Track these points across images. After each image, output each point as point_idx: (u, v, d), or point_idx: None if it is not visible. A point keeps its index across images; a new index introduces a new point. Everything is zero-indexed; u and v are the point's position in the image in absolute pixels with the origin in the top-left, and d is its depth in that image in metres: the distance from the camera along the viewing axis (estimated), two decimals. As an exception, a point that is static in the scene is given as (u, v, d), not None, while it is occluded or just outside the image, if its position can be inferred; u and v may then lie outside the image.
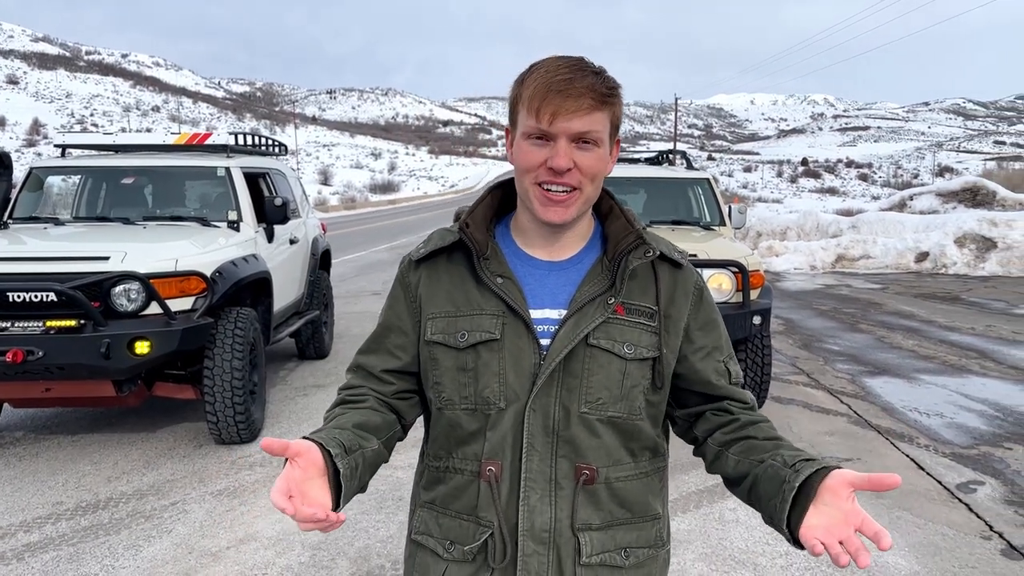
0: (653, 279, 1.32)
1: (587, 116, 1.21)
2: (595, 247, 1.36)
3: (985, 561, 3.60)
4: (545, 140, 1.23)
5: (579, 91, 1.19)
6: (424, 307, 1.34)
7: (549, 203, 1.25)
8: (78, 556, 3.66)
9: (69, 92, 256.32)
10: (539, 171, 1.24)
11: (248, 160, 6.52)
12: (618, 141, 1.32)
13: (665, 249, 1.34)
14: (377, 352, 1.39)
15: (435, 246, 1.35)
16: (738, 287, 5.34)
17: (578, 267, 1.33)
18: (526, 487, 1.26)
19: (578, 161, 1.23)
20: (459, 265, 1.34)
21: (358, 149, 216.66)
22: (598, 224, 1.39)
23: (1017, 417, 5.80)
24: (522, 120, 1.25)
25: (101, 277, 4.46)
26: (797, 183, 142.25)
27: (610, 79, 1.24)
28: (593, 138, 1.23)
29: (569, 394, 1.27)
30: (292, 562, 3.59)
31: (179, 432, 5.42)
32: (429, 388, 1.35)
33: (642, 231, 1.34)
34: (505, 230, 1.38)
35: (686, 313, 1.34)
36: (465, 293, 1.31)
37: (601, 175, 1.27)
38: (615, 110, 1.26)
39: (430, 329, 1.32)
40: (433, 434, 1.36)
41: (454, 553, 1.31)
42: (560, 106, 1.19)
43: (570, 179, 1.23)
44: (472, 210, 1.37)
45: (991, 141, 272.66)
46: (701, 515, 4.08)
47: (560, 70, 1.21)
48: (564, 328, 1.26)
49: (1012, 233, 15.03)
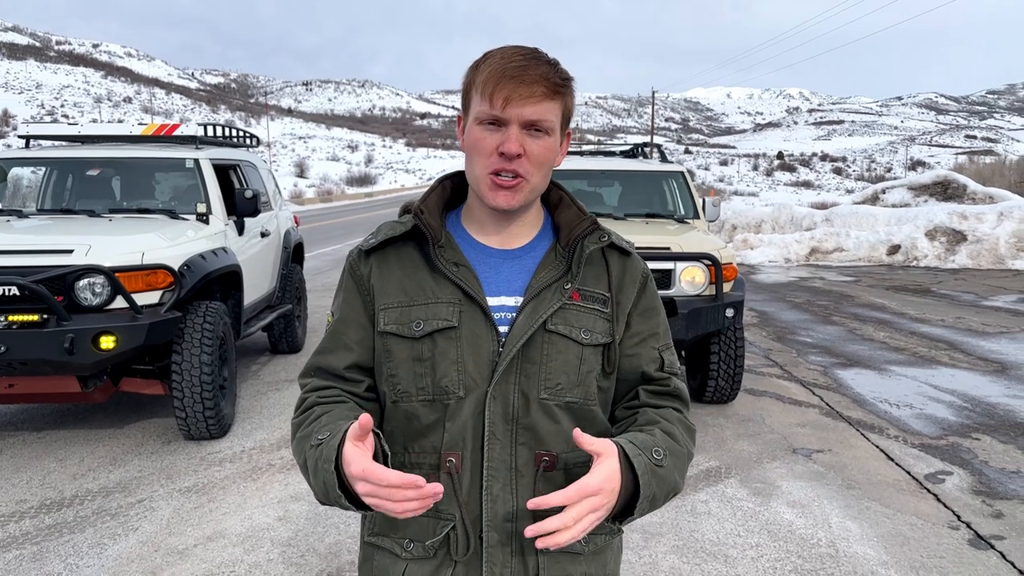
0: (605, 266, 1.34)
1: (540, 104, 1.21)
2: (547, 236, 1.37)
3: (952, 551, 3.64)
4: (497, 126, 1.22)
5: (533, 78, 1.20)
6: (377, 298, 1.32)
7: (498, 188, 1.24)
8: (41, 555, 3.59)
9: (39, 83, 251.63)
10: (491, 159, 1.23)
11: (218, 152, 6.42)
12: (569, 134, 1.32)
13: (615, 238, 1.36)
14: (336, 351, 1.34)
15: (386, 236, 1.33)
16: (711, 280, 5.34)
17: (532, 255, 1.33)
18: (488, 476, 1.25)
19: (528, 148, 1.22)
20: (411, 254, 1.32)
21: (335, 141, 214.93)
22: (548, 215, 1.39)
23: (985, 408, 5.88)
24: (475, 105, 1.24)
25: (64, 271, 4.37)
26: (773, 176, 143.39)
27: (563, 71, 1.25)
28: (545, 127, 1.23)
29: (528, 380, 1.26)
30: (261, 559, 3.55)
31: (148, 428, 5.34)
32: (383, 381, 1.32)
33: (595, 218, 1.36)
34: (457, 220, 1.38)
35: (632, 299, 1.35)
36: (418, 282, 1.29)
37: (549, 164, 1.27)
38: (567, 101, 1.26)
39: (383, 320, 1.29)
40: (387, 429, 1.32)
41: (413, 551, 1.28)
42: (513, 92, 1.19)
43: (519, 167, 1.23)
44: (425, 198, 1.36)
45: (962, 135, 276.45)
46: (673, 508, 4.09)
47: (515, 57, 1.21)
48: (523, 314, 1.26)
49: (981, 226, 15.24)
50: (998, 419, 5.61)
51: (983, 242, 15.00)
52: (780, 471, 4.63)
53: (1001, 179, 25.19)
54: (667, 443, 1.25)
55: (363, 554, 1.37)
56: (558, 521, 1.08)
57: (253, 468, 4.62)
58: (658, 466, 1.20)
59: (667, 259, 5.33)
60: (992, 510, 4.09)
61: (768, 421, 5.56)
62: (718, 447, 5.02)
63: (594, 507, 1.10)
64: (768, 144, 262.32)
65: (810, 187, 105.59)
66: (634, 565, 3.49)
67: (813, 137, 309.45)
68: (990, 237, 15.01)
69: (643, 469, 1.17)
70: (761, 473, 4.60)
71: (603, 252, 1.35)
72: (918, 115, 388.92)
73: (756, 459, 4.82)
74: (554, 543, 1.08)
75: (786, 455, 4.90)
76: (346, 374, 1.32)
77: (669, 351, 1.39)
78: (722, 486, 4.40)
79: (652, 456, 1.20)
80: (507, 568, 1.26)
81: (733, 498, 4.23)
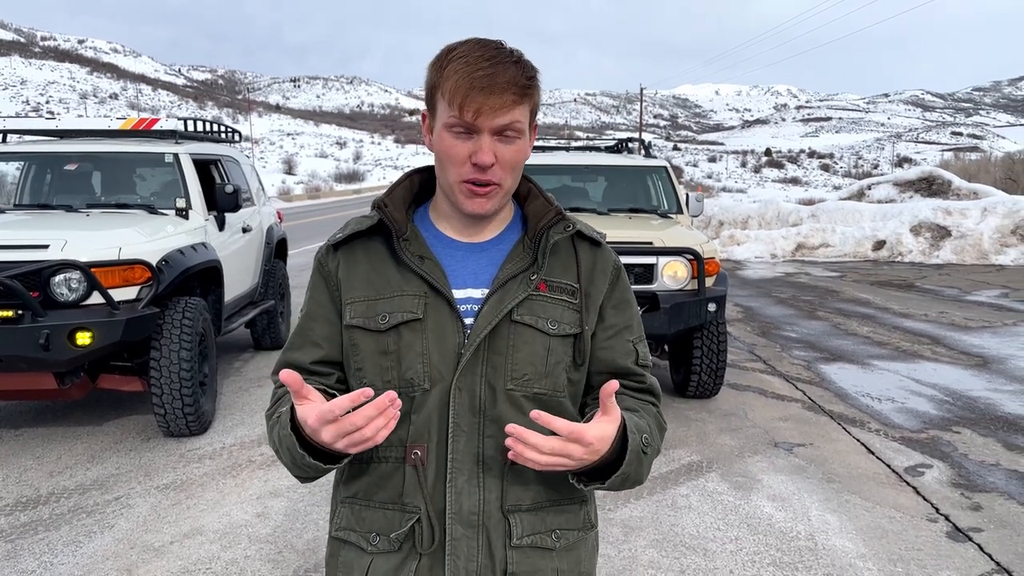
0: (574, 257, 1.33)
1: (511, 111, 1.20)
2: (516, 228, 1.36)
3: (931, 543, 3.65)
4: (468, 134, 1.21)
5: (502, 87, 1.18)
6: (344, 292, 1.31)
7: (473, 196, 1.24)
8: (16, 553, 3.55)
9: (24, 79, 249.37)
10: (464, 168, 1.22)
11: (198, 146, 6.36)
12: (535, 127, 1.31)
13: (583, 228, 1.35)
14: (304, 347, 1.33)
15: (352, 230, 1.32)
16: (693, 274, 5.34)
17: (499, 247, 1.33)
18: (453, 469, 1.24)
19: (500, 154, 1.22)
20: (377, 249, 1.31)
21: (323, 138, 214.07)
22: (517, 207, 1.38)
23: (966, 401, 5.91)
24: (443, 110, 1.23)
25: (39, 266, 4.32)
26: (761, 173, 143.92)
27: (529, 66, 1.23)
28: (516, 129, 1.22)
29: (494, 371, 1.25)
30: (238, 556, 3.52)
31: (127, 425, 5.29)
32: (351, 376, 1.31)
33: (561, 208, 1.34)
34: (424, 214, 1.37)
35: (604, 291, 1.35)
36: (384, 276, 1.29)
37: (521, 164, 1.27)
38: (535, 97, 1.25)
39: (349, 314, 1.29)
40: None
41: (379, 544, 1.27)
42: (484, 104, 1.18)
43: (493, 175, 1.23)
44: (390, 192, 1.35)
45: (949, 132, 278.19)
46: (654, 502, 4.09)
47: (480, 63, 1.19)
48: (487, 305, 1.26)
49: (966, 222, 15.33)
50: (978, 413, 5.63)
51: (967, 237, 15.09)
52: (761, 465, 4.64)
53: (987, 175, 25.35)
54: (652, 434, 1.27)
55: (330, 549, 1.36)
56: (540, 439, 1.10)
57: (233, 465, 4.59)
58: (643, 451, 1.22)
59: (649, 253, 5.33)
60: (971, 503, 4.10)
61: (751, 415, 5.57)
62: (700, 441, 5.02)
63: (573, 454, 1.12)
64: (756, 141, 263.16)
65: (798, 183, 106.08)
66: (613, 559, 3.48)
67: (801, 134, 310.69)
68: (974, 232, 15.10)
69: (632, 447, 1.19)
70: (742, 467, 4.61)
71: (573, 243, 1.34)
72: (905, 112, 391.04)
73: (738, 453, 4.83)
74: (521, 456, 1.11)
75: (768, 449, 4.91)
76: (313, 368, 1.32)
77: (642, 343, 1.39)
78: (703, 480, 4.40)
79: (642, 440, 1.22)
80: (472, 561, 1.25)
81: (714, 492, 4.24)
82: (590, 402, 1.36)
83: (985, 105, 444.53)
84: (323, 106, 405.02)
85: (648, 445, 1.24)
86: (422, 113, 1.32)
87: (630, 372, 1.36)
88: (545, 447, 1.10)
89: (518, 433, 1.10)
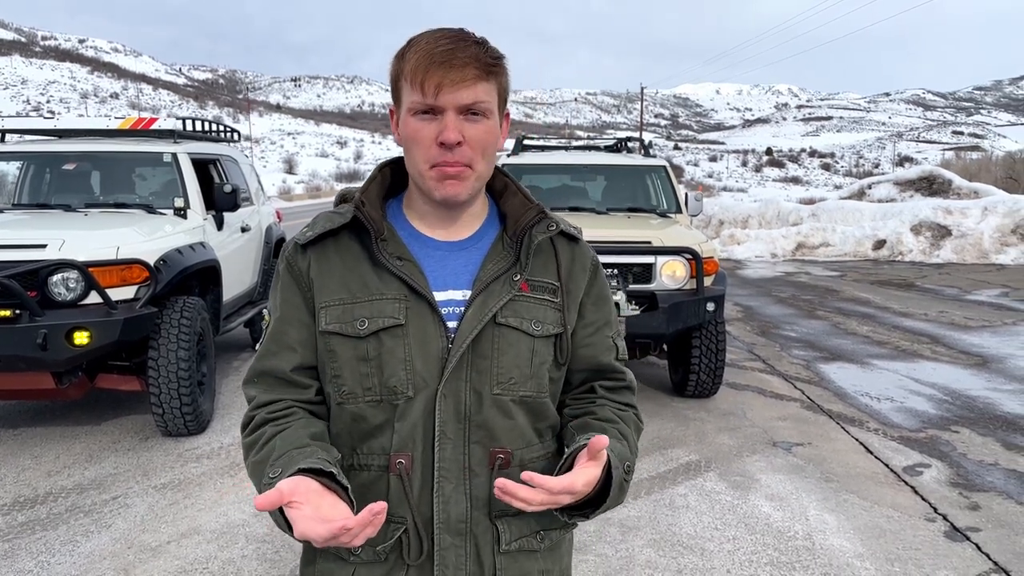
0: (553, 255, 1.30)
1: (474, 86, 1.16)
2: (493, 225, 1.32)
3: (928, 543, 3.64)
4: (433, 115, 1.17)
5: (463, 61, 1.15)
6: (317, 295, 1.25)
7: (444, 180, 1.20)
8: (13, 552, 3.54)
9: (24, 78, 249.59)
10: (431, 150, 1.18)
11: (197, 146, 6.36)
12: (508, 115, 1.28)
13: (563, 225, 1.32)
14: (280, 352, 1.26)
15: (323, 228, 1.26)
16: (692, 274, 5.34)
17: (478, 246, 1.29)
18: (439, 477, 1.21)
19: (468, 133, 1.18)
20: (351, 248, 1.25)
21: (324, 137, 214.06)
22: (493, 203, 1.35)
23: (965, 401, 5.90)
24: (406, 96, 1.19)
25: (37, 265, 4.31)
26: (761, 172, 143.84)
27: (493, 49, 1.20)
28: (482, 109, 1.18)
29: (480, 376, 1.22)
30: (235, 555, 3.52)
31: (125, 425, 5.29)
32: (327, 382, 1.26)
33: (543, 206, 1.31)
34: (398, 210, 1.32)
35: (583, 288, 1.33)
36: (361, 277, 1.23)
37: (492, 148, 1.22)
38: (501, 81, 1.21)
39: (324, 319, 1.23)
40: (335, 430, 1.27)
41: (362, 555, 1.23)
42: (444, 77, 1.14)
43: (461, 155, 1.18)
44: (365, 189, 1.29)
45: (949, 131, 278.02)
46: (652, 501, 4.08)
47: (440, 41, 1.16)
48: (471, 308, 1.22)
49: (966, 221, 15.33)
50: (977, 412, 5.63)
51: (967, 237, 15.08)
52: (759, 464, 4.64)
53: (987, 175, 25.34)
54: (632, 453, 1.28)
55: (304, 556, 1.31)
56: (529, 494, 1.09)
57: (231, 464, 4.59)
58: (625, 481, 1.22)
59: (648, 253, 5.32)
60: (969, 502, 4.10)
61: (749, 415, 5.57)
62: (698, 441, 5.01)
63: (561, 502, 1.12)
64: (757, 140, 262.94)
65: (798, 183, 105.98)
66: (610, 559, 3.48)
67: (802, 133, 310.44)
68: (974, 232, 15.10)
69: (615, 484, 1.19)
70: (740, 466, 4.60)
71: (552, 240, 1.31)
72: (906, 111, 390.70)
73: (736, 452, 4.82)
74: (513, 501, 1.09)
75: (766, 448, 4.90)
76: (293, 376, 1.25)
77: (620, 338, 1.38)
78: (701, 479, 4.40)
79: (624, 469, 1.22)
80: (460, 570, 1.23)
81: (712, 491, 4.23)
82: (569, 401, 1.35)
83: (986, 104, 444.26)
84: (324, 105, 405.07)
85: (629, 472, 1.24)
86: (390, 109, 1.28)
87: (612, 369, 1.35)
88: (535, 500, 1.09)
89: (509, 490, 1.08)
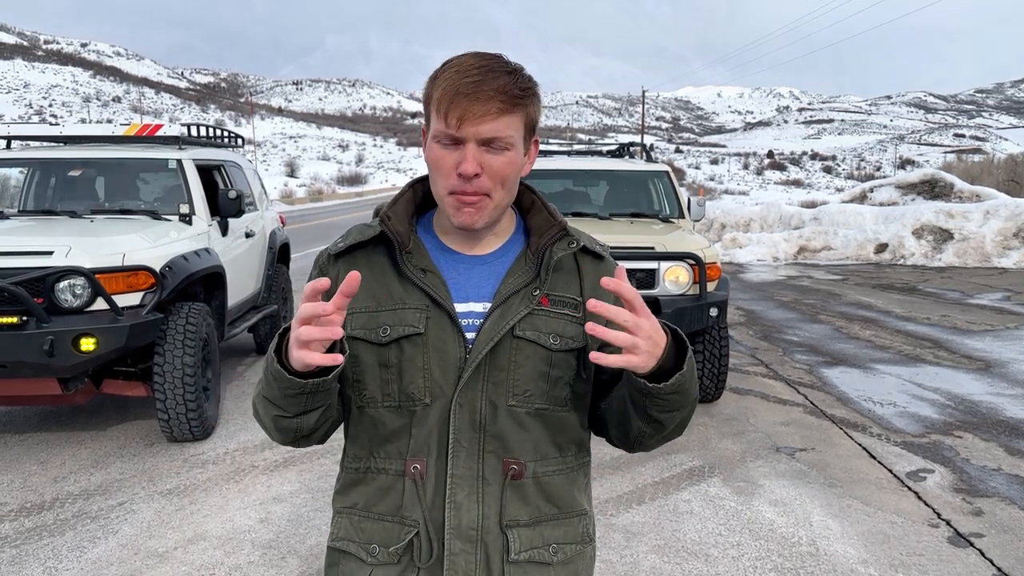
0: (576, 272, 1.33)
1: (496, 120, 1.18)
2: (518, 241, 1.35)
3: (932, 549, 3.66)
4: (455, 144, 1.20)
5: (488, 94, 1.17)
6: None
7: (461, 207, 1.23)
8: (20, 558, 3.56)
9: (27, 82, 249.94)
10: (451, 179, 1.21)
11: (201, 152, 6.39)
12: (536, 141, 1.30)
13: (587, 242, 1.34)
14: None
15: (354, 240, 1.31)
16: (695, 279, 5.35)
17: (502, 260, 1.32)
18: (452, 484, 1.24)
19: (487, 165, 1.20)
20: (379, 260, 1.31)
21: (325, 141, 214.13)
22: (520, 219, 1.37)
23: (968, 405, 5.91)
24: (433, 122, 1.22)
25: (44, 272, 4.34)
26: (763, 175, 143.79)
27: (524, 78, 1.22)
28: (503, 143, 1.20)
29: (496, 388, 1.25)
30: (241, 561, 3.53)
31: (131, 430, 5.31)
32: (349, 386, 1.31)
33: (566, 224, 1.33)
34: (428, 225, 1.36)
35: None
36: (386, 287, 1.29)
37: (513, 178, 1.25)
38: (529, 111, 1.23)
39: (350, 325, 1.28)
40: (354, 433, 1.33)
41: (379, 556, 1.28)
42: (467, 110, 1.17)
43: (480, 186, 1.21)
44: (393, 204, 1.34)
45: (951, 134, 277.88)
46: (656, 507, 4.10)
47: (470, 71, 1.18)
48: (489, 320, 1.25)
49: (968, 224, 15.32)
50: (980, 417, 5.64)
51: (969, 240, 15.08)
52: (763, 470, 4.65)
53: (989, 177, 25.31)
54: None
55: (329, 559, 1.37)
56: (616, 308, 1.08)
57: (236, 470, 4.61)
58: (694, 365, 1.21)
59: (651, 259, 5.34)
60: (972, 508, 4.11)
61: (752, 420, 5.58)
62: (702, 446, 5.03)
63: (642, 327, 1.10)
64: (758, 143, 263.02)
65: (800, 186, 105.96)
66: (615, 565, 3.49)
67: (803, 136, 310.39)
68: (976, 235, 15.09)
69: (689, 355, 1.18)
70: (744, 472, 4.62)
71: (575, 257, 1.33)
72: (907, 114, 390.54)
73: (739, 458, 4.84)
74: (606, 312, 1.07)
75: (769, 454, 4.92)
76: None
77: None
78: (705, 485, 4.41)
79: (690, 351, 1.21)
80: None
81: (716, 497, 4.24)
82: (603, 406, 1.36)
83: (988, 107, 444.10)
84: (325, 109, 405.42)
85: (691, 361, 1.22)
86: (423, 128, 1.32)
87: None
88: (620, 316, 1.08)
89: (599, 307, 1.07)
